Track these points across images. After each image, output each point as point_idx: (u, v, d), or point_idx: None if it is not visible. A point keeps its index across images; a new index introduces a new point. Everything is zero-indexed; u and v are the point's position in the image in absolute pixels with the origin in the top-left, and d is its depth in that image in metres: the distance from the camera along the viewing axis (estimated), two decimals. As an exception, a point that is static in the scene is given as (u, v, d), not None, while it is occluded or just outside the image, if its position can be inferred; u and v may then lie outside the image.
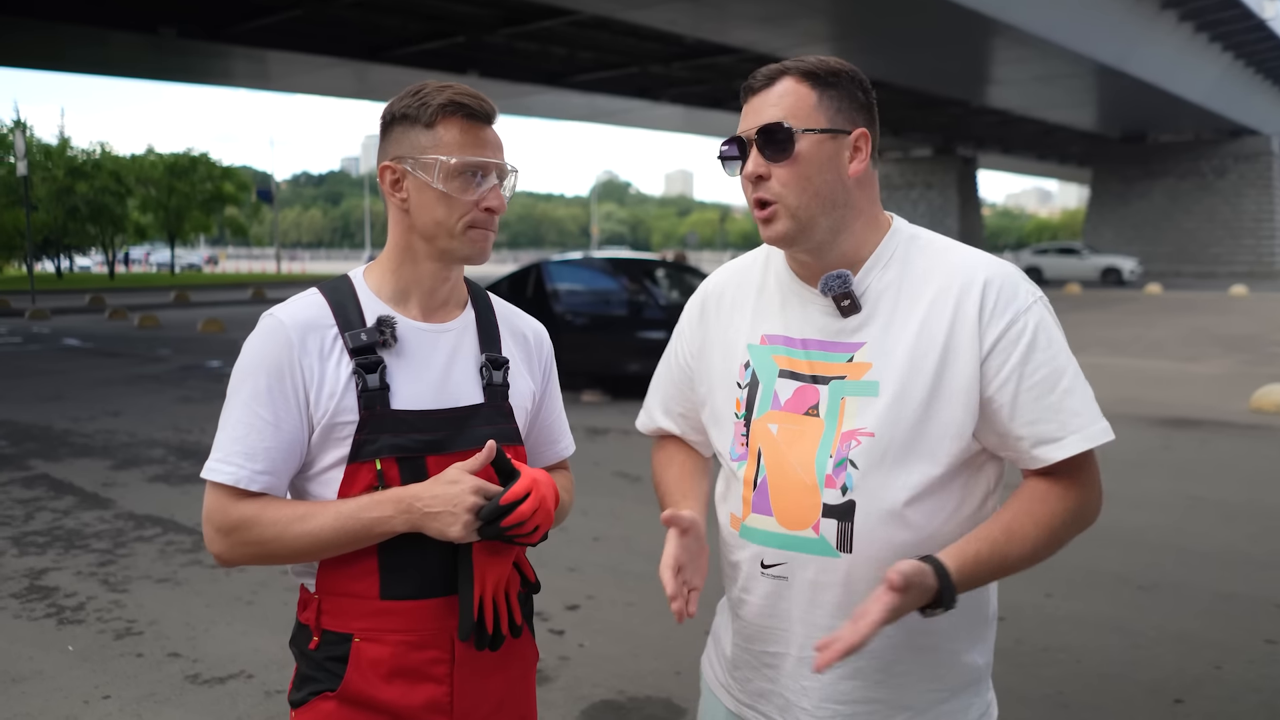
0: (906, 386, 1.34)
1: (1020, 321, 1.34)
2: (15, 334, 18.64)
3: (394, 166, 1.45)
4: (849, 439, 1.35)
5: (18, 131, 27.27)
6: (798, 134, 1.35)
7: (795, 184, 1.36)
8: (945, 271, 1.38)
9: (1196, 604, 4.48)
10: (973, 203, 59.02)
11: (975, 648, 1.44)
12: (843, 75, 1.40)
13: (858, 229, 1.41)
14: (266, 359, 1.42)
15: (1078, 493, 1.36)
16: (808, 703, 1.42)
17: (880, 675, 1.39)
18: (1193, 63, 36.89)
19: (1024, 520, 1.34)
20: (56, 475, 7.11)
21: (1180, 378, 12.04)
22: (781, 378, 1.43)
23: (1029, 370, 1.33)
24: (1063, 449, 1.33)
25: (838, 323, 1.40)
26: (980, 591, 1.42)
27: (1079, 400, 1.34)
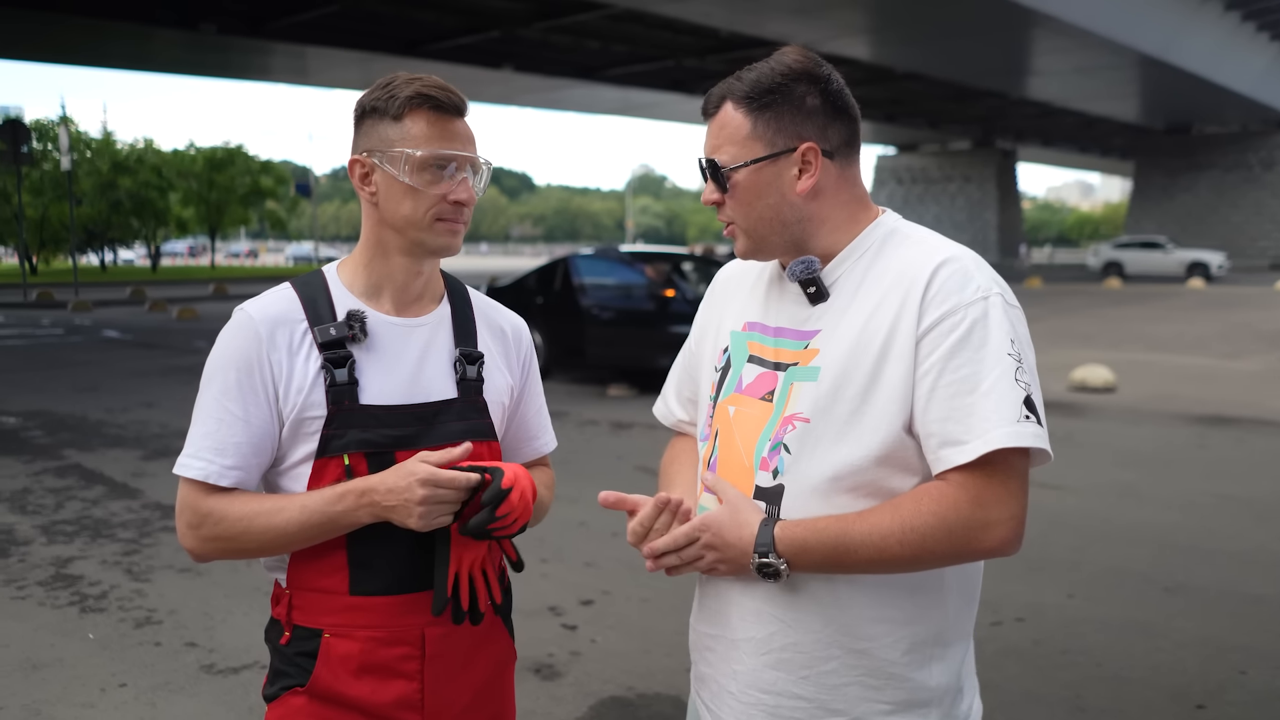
0: (846, 372, 1.32)
1: (959, 314, 1.27)
2: (58, 325, 19.00)
3: (363, 160, 1.45)
4: (787, 423, 1.35)
5: (62, 126, 27.74)
6: (727, 171, 1.37)
7: (740, 211, 1.39)
8: (907, 260, 1.35)
9: (1224, 606, 4.38)
10: (1012, 196, 58.22)
11: (928, 666, 1.36)
12: (781, 90, 1.35)
13: (824, 234, 1.40)
14: (236, 354, 1.41)
15: (962, 507, 1.25)
16: (734, 686, 1.41)
17: (805, 671, 1.35)
18: (1239, 52, 36.10)
19: (884, 512, 1.27)
20: (88, 465, 7.22)
21: (1220, 374, 11.79)
22: (750, 363, 1.44)
23: (952, 365, 1.26)
24: (965, 453, 1.24)
25: (804, 311, 1.40)
26: (924, 607, 1.35)
27: (997, 404, 1.24)
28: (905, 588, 1.34)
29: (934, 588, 1.36)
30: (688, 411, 1.63)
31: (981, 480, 1.25)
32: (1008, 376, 1.25)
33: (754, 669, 1.38)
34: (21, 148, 23.79)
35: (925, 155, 59.00)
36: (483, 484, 1.36)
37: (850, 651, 1.34)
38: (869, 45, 28.98)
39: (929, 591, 1.36)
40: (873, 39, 28.46)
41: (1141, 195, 54.77)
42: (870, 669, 1.34)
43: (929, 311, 1.29)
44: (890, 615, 1.34)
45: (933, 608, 1.36)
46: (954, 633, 1.39)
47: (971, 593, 1.43)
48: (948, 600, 1.38)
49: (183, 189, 45.14)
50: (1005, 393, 1.25)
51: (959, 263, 1.32)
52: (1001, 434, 1.23)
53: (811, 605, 1.34)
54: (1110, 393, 10.34)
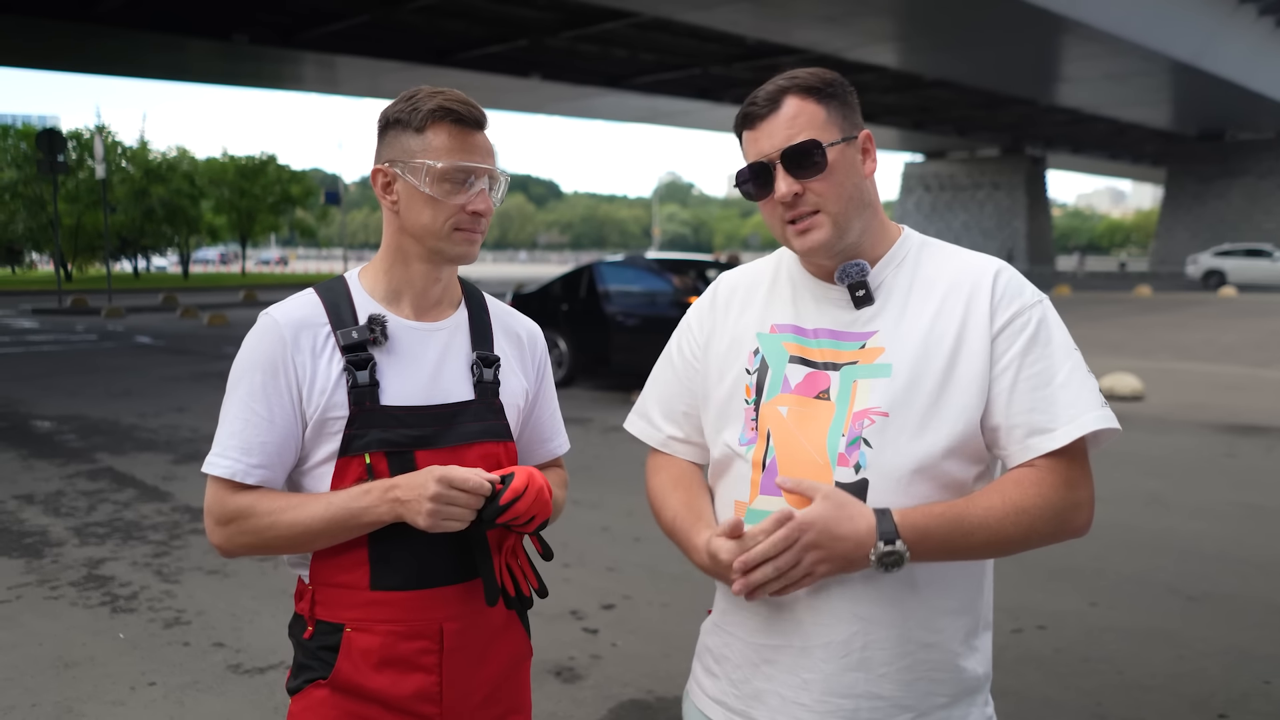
0: (921, 368, 1.37)
1: (1025, 314, 1.38)
2: (92, 331, 19.31)
3: (385, 170, 1.50)
4: (861, 418, 1.37)
5: (97, 136, 28.22)
6: (827, 148, 1.40)
7: (832, 194, 1.41)
8: (957, 269, 1.44)
9: (1249, 616, 4.34)
10: (1041, 203, 57.81)
11: (973, 655, 1.43)
12: (836, 84, 1.45)
13: (875, 227, 1.48)
14: (261, 356, 1.47)
15: (1059, 489, 1.34)
16: (808, 697, 1.38)
17: (884, 669, 1.37)
18: (1273, 58, 35.66)
19: (993, 495, 1.34)
20: (120, 469, 7.35)
21: (1251, 383, 11.65)
22: (792, 363, 1.45)
23: (1028, 361, 1.36)
24: (1054, 440, 1.33)
25: (850, 314, 1.44)
26: (974, 595, 1.42)
27: (1074, 394, 1.35)
28: (963, 576, 1.40)
29: (980, 574, 1.44)
30: (680, 428, 1.58)
31: (1068, 464, 1.35)
32: (1080, 369, 1.38)
33: (831, 674, 1.38)
34: (58, 157, 24.19)
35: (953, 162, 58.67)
36: (494, 493, 1.40)
37: (923, 646, 1.38)
38: (897, 53, 28.92)
39: (977, 578, 1.43)
40: (901, 46, 28.40)
41: (1173, 202, 54.18)
42: (936, 662, 1.39)
43: (1000, 313, 1.39)
44: (952, 605, 1.40)
45: (979, 595, 1.44)
46: (987, 618, 1.47)
47: (991, 579, 1.50)
48: (986, 586, 1.45)
49: (215, 197, 45.73)
50: (1082, 381, 1.37)
51: (1010, 270, 1.44)
52: (1091, 418, 1.34)
53: (892, 600, 1.37)
54: (1138, 401, 10.25)
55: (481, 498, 1.39)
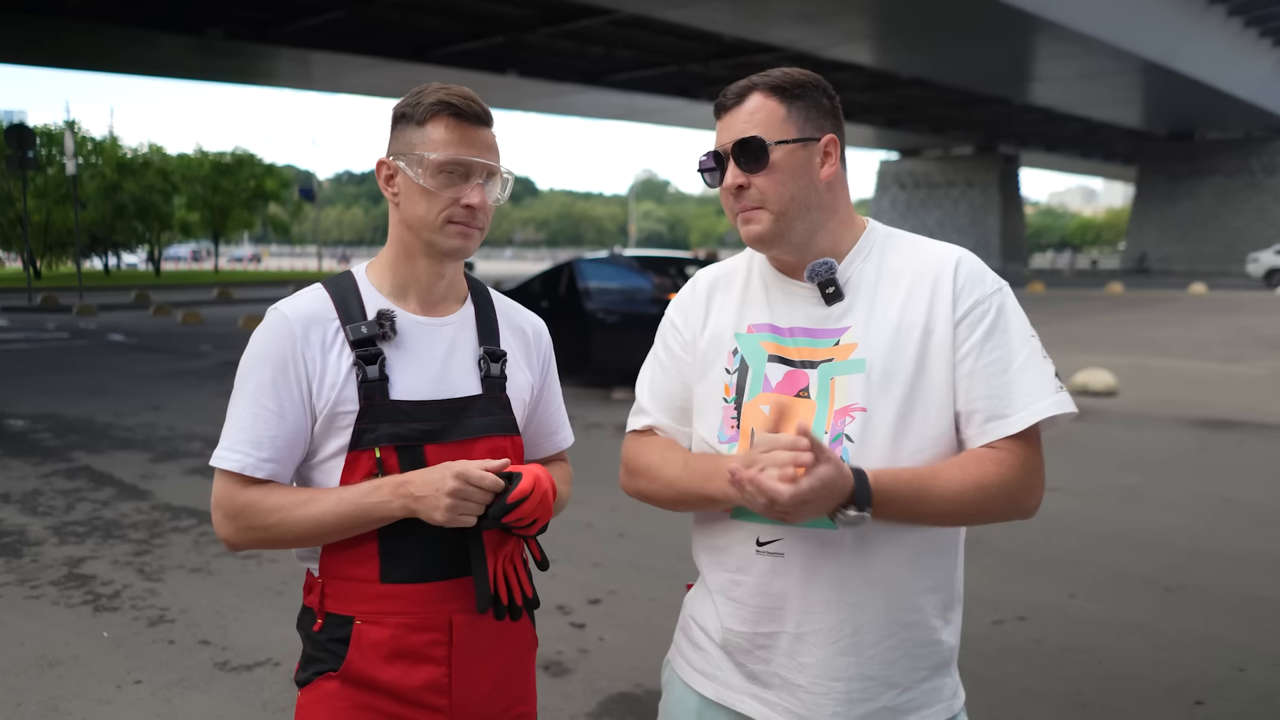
0: (893, 361, 1.41)
1: (986, 302, 1.43)
2: (63, 330, 19.09)
3: (388, 163, 1.52)
4: (843, 415, 1.41)
5: (68, 131, 27.86)
6: (770, 146, 1.44)
7: (773, 191, 1.45)
8: (921, 259, 1.48)
9: (1223, 606, 4.43)
10: (1014, 201, 58.31)
11: (947, 628, 1.48)
12: (808, 86, 1.47)
13: (832, 228, 1.50)
14: (271, 351, 1.48)
15: (1016, 469, 1.39)
16: (804, 679, 1.44)
17: (872, 651, 1.42)
18: (1242, 58, 36.16)
19: (953, 469, 1.39)
20: (97, 467, 7.29)
21: (1221, 379, 11.84)
22: (771, 362, 1.48)
23: (987, 348, 1.41)
24: (1009, 425, 1.38)
25: (821, 310, 1.47)
26: (947, 570, 1.47)
27: (1030, 380, 1.40)
28: (937, 552, 1.45)
29: (954, 552, 1.49)
30: (674, 419, 1.57)
31: (1025, 447, 1.40)
32: (1036, 354, 1.42)
33: (825, 659, 1.43)
34: (27, 153, 23.88)
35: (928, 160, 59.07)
36: (504, 490, 1.41)
37: (905, 625, 1.43)
38: (872, 51, 29.08)
39: (950, 554, 1.48)
40: (876, 45, 28.56)
41: (1144, 201, 54.84)
42: (916, 639, 1.44)
43: (962, 300, 1.43)
44: (928, 583, 1.45)
45: (952, 569, 1.49)
46: (958, 592, 1.51)
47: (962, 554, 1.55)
48: (959, 562, 1.50)
49: (188, 193, 45.28)
50: (1038, 368, 1.41)
51: (971, 258, 1.48)
52: (1045, 404, 1.39)
53: (876, 585, 1.41)
54: (1112, 397, 10.39)
55: (490, 491, 1.40)
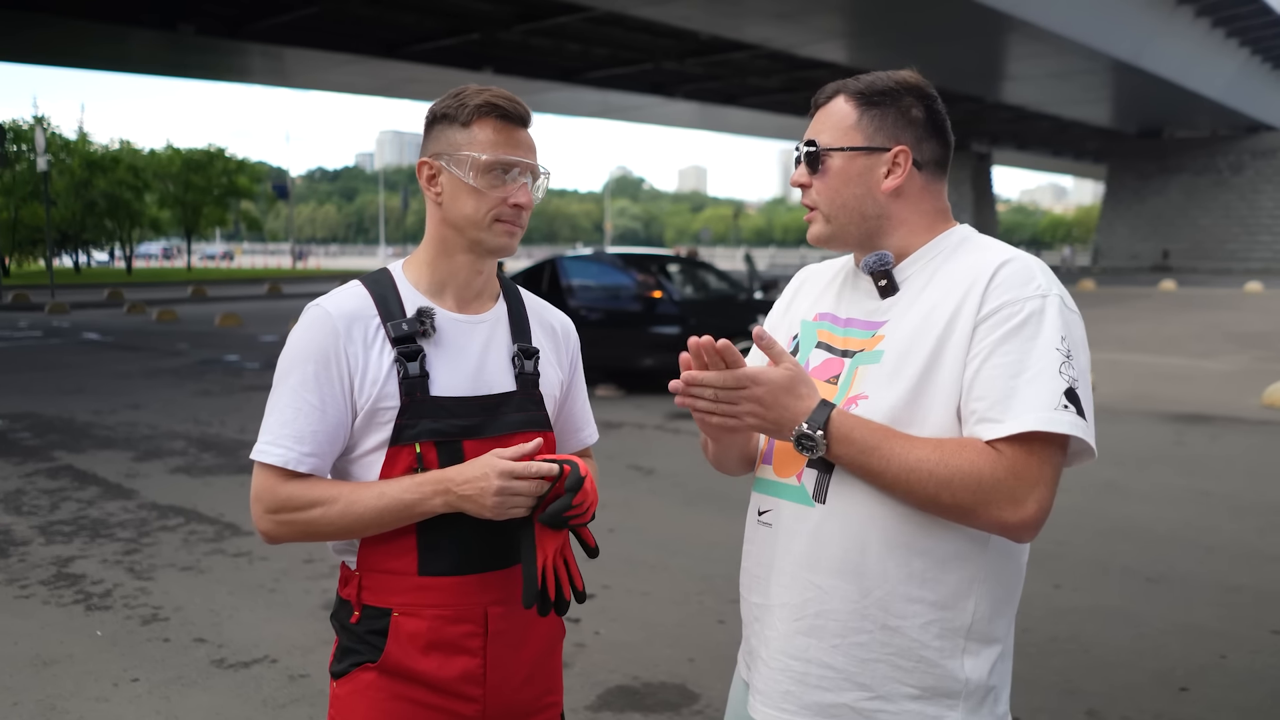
0: (907, 355, 1.39)
1: (1017, 304, 1.34)
2: (36, 328, 18.87)
3: (431, 163, 1.55)
4: (850, 403, 1.42)
5: (38, 127, 27.49)
6: (823, 153, 1.47)
7: (826, 195, 1.48)
8: (975, 260, 1.43)
9: (1204, 596, 4.53)
10: (987, 199, 58.87)
11: (961, 658, 1.38)
12: (893, 93, 1.47)
13: (900, 235, 1.48)
14: (314, 347, 1.50)
15: (998, 469, 1.30)
16: (765, 652, 1.46)
17: (837, 640, 1.39)
18: (1209, 58, 36.68)
19: (929, 441, 1.34)
20: (80, 466, 7.24)
21: (1193, 374, 12.04)
22: (817, 348, 1.52)
23: (1001, 350, 1.33)
24: (997, 430, 1.30)
25: (874, 303, 1.48)
26: (955, 595, 1.38)
27: (1038, 390, 1.30)
28: (937, 569, 1.37)
29: (965, 576, 1.39)
30: None
31: (1021, 455, 1.30)
32: (1052, 367, 1.31)
33: (786, 634, 1.43)
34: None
35: (900, 158, 59.47)
36: (561, 474, 1.44)
37: (883, 627, 1.37)
38: (847, 49, 29.23)
39: (964, 579, 1.38)
40: (850, 43, 28.71)
41: (1114, 198, 55.50)
42: (901, 649, 1.37)
43: (989, 300, 1.36)
44: (923, 596, 1.37)
45: (963, 597, 1.38)
46: (990, 633, 1.41)
47: (1008, 594, 1.44)
48: (983, 593, 1.39)
49: (159, 190, 44.79)
50: (1047, 381, 1.30)
51: (1023, 262, 1.40)
52: (1036, 418, 1.29)
53: (849, 575, 1.38)
54: (1088, 392, 10.53)
55: (542, 482, 1.43)
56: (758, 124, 48.22)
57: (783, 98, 38.04)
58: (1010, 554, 1.42)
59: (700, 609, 4.42)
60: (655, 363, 10.61)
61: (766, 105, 40.31)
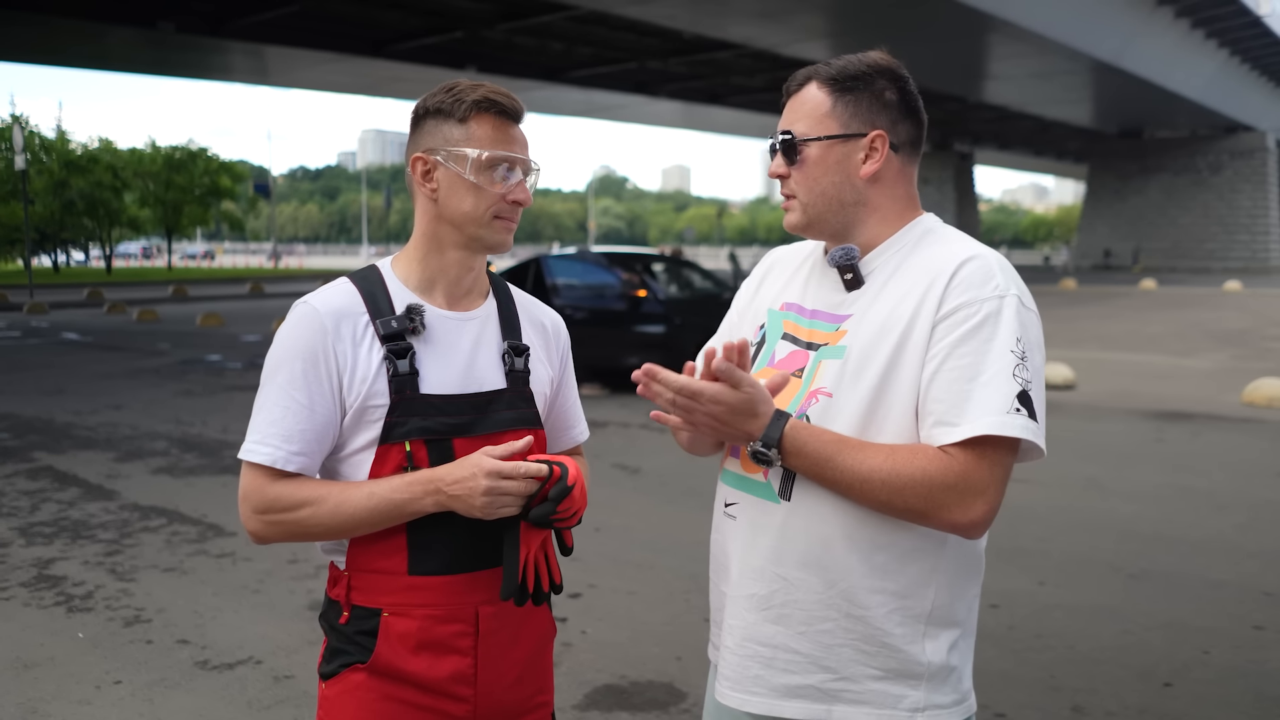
0: (869, 353, 1.40)
1: (974, 306, 1.36)
2: (14, 328, 18.68)
3: (425, 158, 1.53)
4: (812, 397, 1.44)
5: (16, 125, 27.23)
6: (800, 144, 1.47)
7: (804, 184, 1.49)
8: (936, 255, 1.44)
9: (1186, 592, 4.57)
10: (969, 198, 59.15)
11: (921, 643, 1.42)
12: (866, 77, 1.46)
13: (873, 224, 1.49)
14: (302, 345, 1.48)
15: (948, 473, 1.32)
16: (731, 641, 1.49)
17: (803, 627, 1.43)
18: (1189, 59, 36.97)
19: (881, 450, 1.36)
20: (60, 467, 7.17)
21: (1174, 372, 12.14)
22: (783, 340, 1.53)
23: (959, 352, 1.35)
24: (953, 434, 1.33)
25: (840, 296, 1.49)
26: (917, 584, 1.42)
27: (990, 395, 1.32)
28: (898, 561, 1.41)
29: (925, 566, 1.42)
30: None
31: (972, 459, 1.33)
32: (1006, 371, 1.33)
33: (752, 623, 1.46)
34: (-26, 147, 23.29)
35: (883, 158, 59.68)
36: (550, 476, 1.44)
37: (847, 616, 1.41)
38: (830, 49, 29.26)
39: (925, 568, 1.42)
40: (834, 43, 28.76)
41: (1095, 198, 55.89)
42: (864, 635, 1.41)
43: (948, 300, 1.38)
44: (886, 587, 1.41)
45: (927, 585, 1.42)
46: (950, 616, 1.45)
47: (967, 581, 1.48)
48: (938, 580, 1.43)
49: (139, 189, 44.45)
50: (1001, 385, 1.33)
51: (983, 260, 1.41)
52: (988, 422, 1.31)
53: (814, 568, 1.42)
54: (1070, 390, 10.61)
55: (531, 481, 1.42)
56: (741, 123, 48.29)
57: (766, 97, 38.08)
58: (969, 543, 1.46)
59: (687, 607, 4.42)
60: (640, 361, 10.53)
61: (750, 104, 40.35)
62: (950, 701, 1.44)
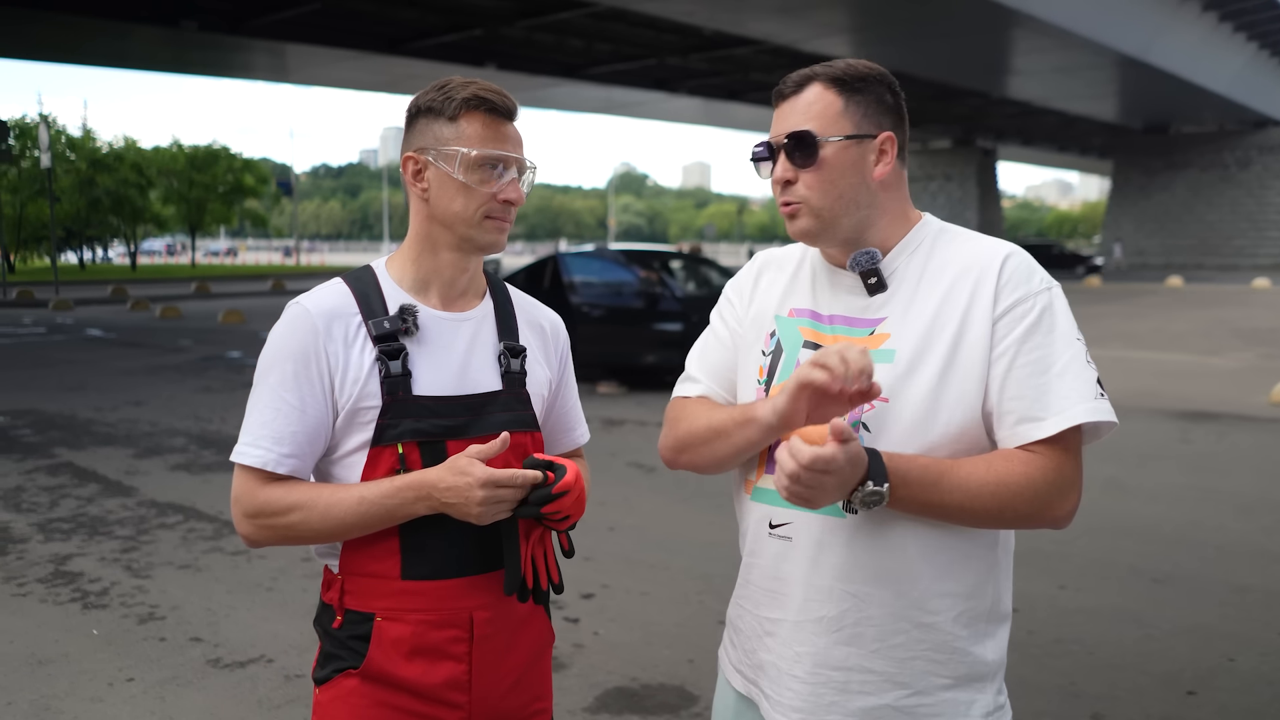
0: (923, 354, 1.37)
1: (1030, 301, 1.37)
2: (40, 324, 18.87)
3: (416, 157, 1.50)
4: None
5: (42, 124, 27.51)
6: (822, 142, 1.41)
7: (820, 188, 1.43)
8: (969, 254, 1.43)
9: (1211, 596, 4.48)
10: (992, 194, 58.67)
11: (984, 642, 1.43)
12: (870, 79, 1.44)
13: (883, 226, 1.46)
14: (293, 346, 1.46)
15: (1047, 473, 1.34)
16: (801, 670, 1.42)
17: (877, 645, 1.39)
18: (1216, 53, 36.49)
19: (979, 464, 1.34)
20: (80, 463, 7.21)
21: (1200, 371, 11.97)
22: (805, 347, 1.47)
23: (1027, 348, 1.35)
24: (1043, 428, 1.33)
25: (863, 300, 1.45)
26: (980, 582, 1.42)
27: (1070, 385, 1.34)
28: (964, 561, 1.40)
29: (989, 562, 1.43)
30: (731, 394, 1.57)
31: (1061, 452, 1.34)
32: (1079, 359, 1.36)
33: (824, 648, 1.41)
34: (2, 146, 23.55)
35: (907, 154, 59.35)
36: (545, 479, 1.41)
37: (919, 625, 1.39)
38: (850, 45, 29.12)
39: (985, 566, 1.42)
40: (854, 38, 28.59)
41: (1120, 194, 55.29)
42: (936, 643, 1.39)
43: (1004, 297, 1.38)
44: (953, 589, 1.40)
45: (987, 583, 1.43)
46: (1002, 609, 1.46)
47: (1010, 572, 1.49)
48: (999, 576, 1.45)
49: (163, 187, 44.85)
50: (1079, 373, 1.35)
51: (1022, 256, 1.42)
52: (1081, 410, 1.33)
53: (884, 579, 1.38)
54: (1093, 389, 10.46)
55: (527, 486, 1.40)
56: (762, 120, 48.07)
57: (787, 93, 37.86)
58: (1012, 533, 1.48)
59: (700, 609, 4.38)
60: (657, 359, 10.57)
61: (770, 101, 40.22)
62: (1005, 700, 1.47)
